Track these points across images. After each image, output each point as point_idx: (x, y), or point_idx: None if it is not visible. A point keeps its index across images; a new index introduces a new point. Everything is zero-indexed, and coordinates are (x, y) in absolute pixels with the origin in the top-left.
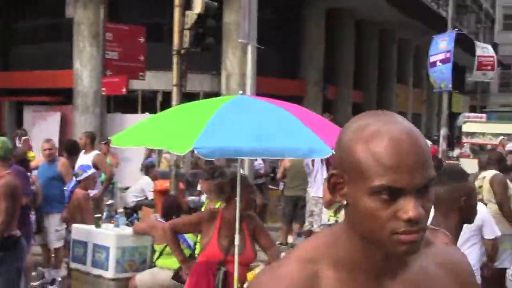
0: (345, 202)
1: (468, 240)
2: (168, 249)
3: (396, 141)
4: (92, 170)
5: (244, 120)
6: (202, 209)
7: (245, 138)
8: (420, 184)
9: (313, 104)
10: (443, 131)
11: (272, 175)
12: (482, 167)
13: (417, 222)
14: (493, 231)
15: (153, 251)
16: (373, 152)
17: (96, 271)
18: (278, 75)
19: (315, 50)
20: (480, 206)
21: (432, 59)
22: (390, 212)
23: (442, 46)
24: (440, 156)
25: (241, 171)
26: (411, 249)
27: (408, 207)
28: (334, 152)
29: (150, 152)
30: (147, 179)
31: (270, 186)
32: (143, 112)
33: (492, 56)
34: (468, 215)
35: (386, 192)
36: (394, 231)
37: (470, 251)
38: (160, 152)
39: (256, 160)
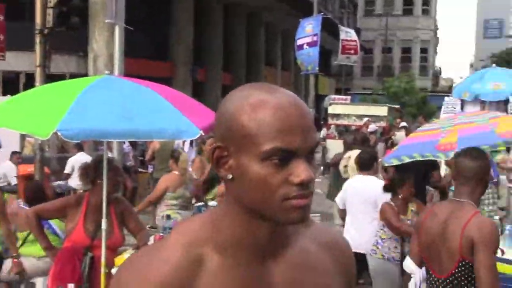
0: (230, 177)
1: (366, 216)
2: (31, 236)
3: (284, 107)
4: None
5: (110, 101)
6: None
7: (111, 119)
8: (310, 147)
9: (183, 86)
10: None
11: (141, 157)
12: (348, 147)
13: (308, 185)
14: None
15: (16, 239)
16: (262, 118)
17: None
18: (147, 57)
19: (184, 31)
20: (374, 182)
21: (299, 42)
22: (281, 178)
23: (308, 30)
24: None
25: (109, 154)
26: (302, 215)
27: (300, 170)
28: (215, 126)
29: None
30: (9, 163)
31: (139, 169)
32: (4, 94)
33: (355, 41)
34: (483, 191)
35: (277, 156)
36: (285, 197)
37: (368, 226)
38: (23, 135)
39: (124, 142)
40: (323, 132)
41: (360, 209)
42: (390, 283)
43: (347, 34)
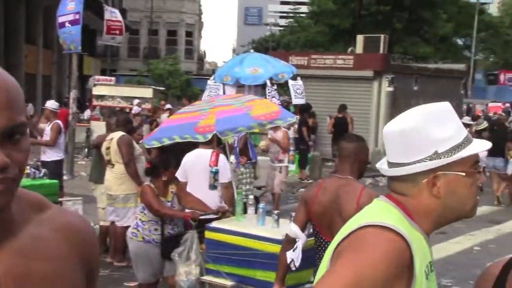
0: None
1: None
2: None
3: None
4: None
5: None
6: None
7: None
8: (2, 127)
9: None
10: (74, 94)
11: None
12: (110, 129)
13: (1, 170)
14: (226, 176)
15: None
16: None
17: None
18: None
19: None
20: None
21: (60, 19)
22: None
23: (70, 7)
24: (70, 118)
25: None
26: None
27: None
28: None
29: None
30: None
31: None
32: None
33: (120, 21)
34: (363, 169)
35: None
36: None
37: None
38: None
39: None
40: (87, 113)
41: (202, 177)
42: (150, 265)
43: (112, 14)
